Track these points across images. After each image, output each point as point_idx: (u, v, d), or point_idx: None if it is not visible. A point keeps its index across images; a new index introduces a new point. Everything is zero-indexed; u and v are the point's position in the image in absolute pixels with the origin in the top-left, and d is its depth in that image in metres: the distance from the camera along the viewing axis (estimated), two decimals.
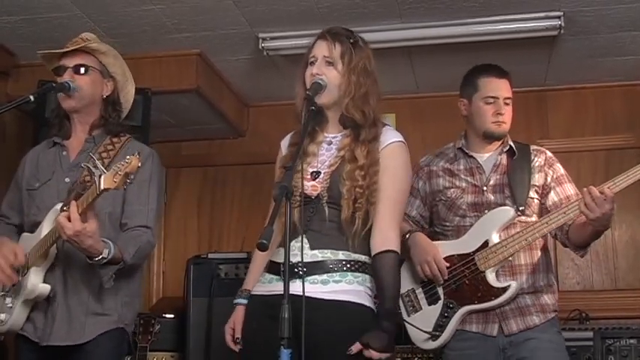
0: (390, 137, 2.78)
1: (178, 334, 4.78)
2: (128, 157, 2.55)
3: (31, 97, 2.90)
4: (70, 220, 2.61)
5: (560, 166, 3.26)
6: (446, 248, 3.17)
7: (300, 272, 2.55)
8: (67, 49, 3.01)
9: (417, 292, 3.24)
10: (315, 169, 2.73)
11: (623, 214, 5.01)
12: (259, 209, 5.32)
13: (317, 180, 2.71)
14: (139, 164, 2.54)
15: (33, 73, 4.49)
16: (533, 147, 3.31)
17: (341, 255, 2.65)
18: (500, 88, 3.23)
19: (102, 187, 2.53)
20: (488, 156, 3.27)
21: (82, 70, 2.99)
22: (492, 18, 4.29)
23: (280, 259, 2.60)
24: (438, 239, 3.25)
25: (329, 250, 2.65)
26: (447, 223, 3.24)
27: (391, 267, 2.64)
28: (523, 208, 3.11)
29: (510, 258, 3.06)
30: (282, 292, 2.24)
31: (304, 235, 2.63)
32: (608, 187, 2.85)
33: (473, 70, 3.35)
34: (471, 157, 3.28)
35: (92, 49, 3.03)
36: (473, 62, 4.85)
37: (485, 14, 4.26)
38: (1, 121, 4.63)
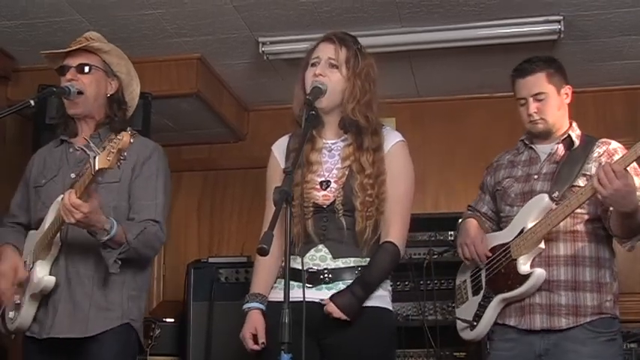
0: (392, 139, 2.83)
1: (179, 339, 4.79)
2: (120, 134, 2.51)
3: (32, 102, 2.88)
4: (74, 207, 2.59)
5: None
6: (492, 239, 3.16)
7: (327, 279, 2.65)
8: (70, 49, 3.01)
9: (467, 282, 3.26)
10: (323, 179, 2.76)
11: None
12: (260, 213, 5.32)
13: (328, 190, 2.73)
14: (131, 140, 2.50)
15: (33, 77, 4.50)
16: (600, 140, 3.17)
17: (363, 262, 2.71)
18: (524, 88, 3.15)
19: (97, 167, 2.50)
20: (546, 146, 3.20)
21: (86, 69, 2.98)
22: (492, 22, 4.30)
23: (300, 266, 2.62)
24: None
25: (352, 259, 2.70)
26: (501, 214, 3.23)
27: (384, 252, 2.71)
28: (557, 194, 3.01)
29: (542, 245, 2.99)
30: (310, 299, 2.41)
31: (324, 245, 2.69)
32: (618, 163, 2.78)
33: (512, 72, 3.26)
34: (532, 148, 3.24)
35: (95, 48, 3.02)
36: (473, 66, 4.90)
37: (485, 19, 4.26)
38: (1, 125, 4.64)
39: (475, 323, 3.13)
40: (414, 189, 2.87)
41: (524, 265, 3.00)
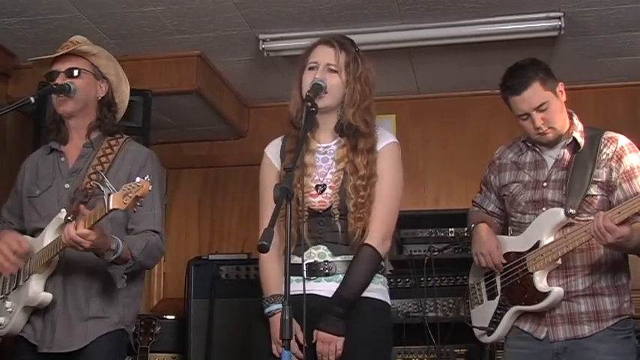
0: (384, 140, 2.84)
1: (179, 336, 4.79)
2: (139, 179, 2.51)
3: (32, 99, 2.89)
4: (82, 237, 2.60)
5: (634, 157, 3.01)
6: (506, 244, 3.13)
7: (327, 270, 2.67)
8: (58, 54, 3.01)
9: (481, 284, 3.24)
10: (318, 183, 2.76)
11: None
12: None
13: (323, 195, 2.74)
14: (150, 188, 2.51)
15: (33, 74, 4.46)
16: (606, 135, 3.08)
17: None
18: (523, 103, 3.02)
19: (111, 207, 2.51)
20: (552, 150, 3.13)
21: (75, 72, 2.98)
22: (493, 19, 4.29)
23: (298, 262, 2.64)
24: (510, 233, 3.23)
25: (350, 256, 2.72)
26: (512, 218, 3.20)
27: (361, 258, 2.70)
28: (574, 211, 2.96)
29: (559, 262, 2.96)
30: (308, 292, 2.38)
31: (323, 245, 2.71)
32: (611, 218, 2.75)
33: (501, 87, 3.14)
34: (535, 150, 3.16)
35: (83, 52, 3.02)
36: (473, 63, 4.90)
37: (486, 15, 4.26)
38: (2, 122, 4.63)
39: (492, 329, 3.13)
40: (401, 191, 2.86)
41: (540, 283, 2.98)
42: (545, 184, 3.09)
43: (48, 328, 2.84)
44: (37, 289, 2.82)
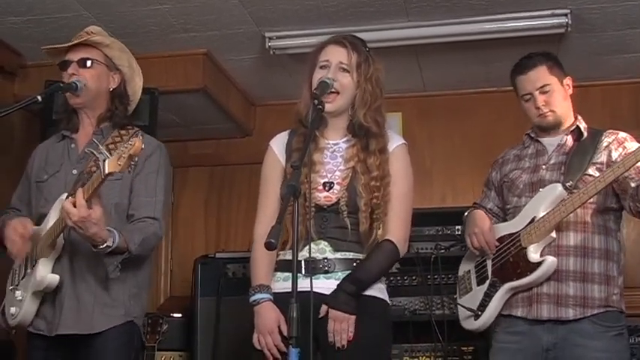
0: (394, 142, 2.85)
1: (186, 334, 4.79)
2: (131, 139, 2.52)
3: (39, 98, 2.91)
4: (75, 206, 2.60)
5: (635, 144, 3.08)
6: (500, 229, 3.16)
7: (325, 268, 2.67)
8: (71, 44, 3.02)
9: (471, 272, 3.25)
10: (326, 180, 2.76)
11: None
12: None
13: (330, 191, 2.73)
14: (142, 146, 2.51)
15: (40, 73, 4.50)
16: (608, 131, 3.19)
17: (361, 257, 2.73)
18: (528, 82, 3.17)
19: (106, 171, 2.50)
20: (553, 139, 3.21)
21: (88, 63, 3.00)
22: (499, 16, 4.29)
23: (299, 258, 2.61)
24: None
25: (351, 253, 2.72)
26: (508, 206, 3.22)
27: (381, 250, 2.72)
28: (571, 184, 3.00)
29: (553, 234, 2.98)
30: (306, 289, 2.36)
31: (324, 241, 2.71)
32: None
33: (511, 72, 3.28)
34: (538, 141, 3.24)
35: (96, 42, 3.03)
36: (480, 61, 4.90)
37: (492, 12, 4.25)
38: (9, 121, 4.64)
39: (480, 312, 3.12)
40: (412, 191, 2.87)
41: (534, 254, 2.99)
42: (544, 166, 3.14)
43: (57, 311, 2.85)
44: (43, 273, 2.83)
